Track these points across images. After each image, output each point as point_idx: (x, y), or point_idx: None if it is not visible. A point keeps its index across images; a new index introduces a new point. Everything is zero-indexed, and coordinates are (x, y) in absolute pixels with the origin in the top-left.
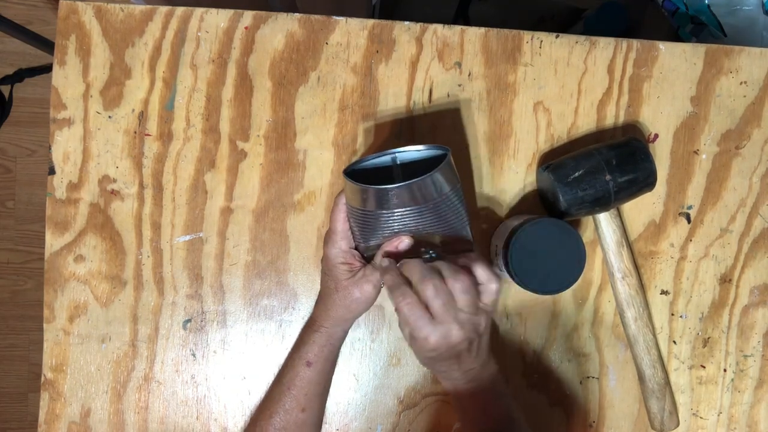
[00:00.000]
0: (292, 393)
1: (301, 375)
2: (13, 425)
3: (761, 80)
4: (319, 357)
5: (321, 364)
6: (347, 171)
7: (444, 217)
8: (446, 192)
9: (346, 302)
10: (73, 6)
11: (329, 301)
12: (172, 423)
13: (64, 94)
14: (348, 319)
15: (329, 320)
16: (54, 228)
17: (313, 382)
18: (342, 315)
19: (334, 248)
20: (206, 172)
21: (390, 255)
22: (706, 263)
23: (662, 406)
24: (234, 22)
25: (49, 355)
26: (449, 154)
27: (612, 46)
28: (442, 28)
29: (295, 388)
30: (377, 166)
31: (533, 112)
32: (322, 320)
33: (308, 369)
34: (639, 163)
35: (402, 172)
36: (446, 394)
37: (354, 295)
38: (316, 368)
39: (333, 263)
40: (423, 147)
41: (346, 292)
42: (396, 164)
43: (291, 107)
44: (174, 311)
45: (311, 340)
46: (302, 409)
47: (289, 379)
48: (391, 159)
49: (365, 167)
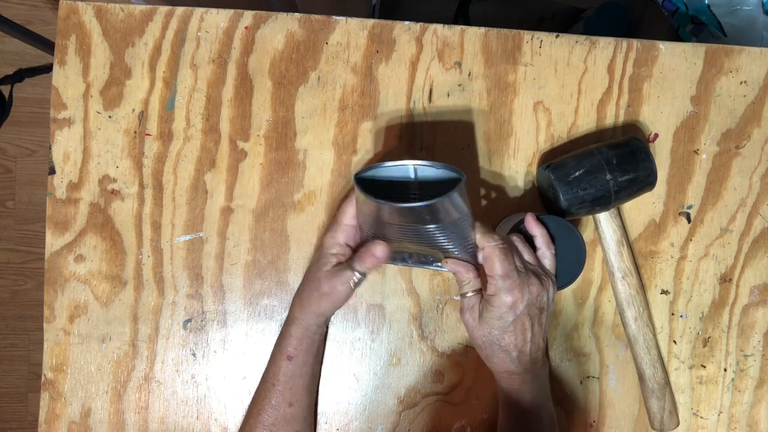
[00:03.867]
0: (277, 389)
1: (284, 370)
2: (13, 425)
3: (761, 80)
4: (298, 350)
5: (302, 357)
6: (359, 177)
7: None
8: (455, 218)
9: (316, 295)
10: (73, 6)
11: (303, 294)
12: (172, 423)
13: (65, 94)
14: (318, 314)
15: (302, 311)
16: (54, 228)
17: (297, 376)
18: (313, 309)
19: (332, 238)
20: (206, 171)
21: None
22: (706, 263)
23: (662, 405)
24: (234, 22)
25: (49, 354)
26: (463, 181)
27: (612, 46)
28: (442, 28)
29: (280, 383)
30: (390, 176)
31: (533, 112)
32: (296, 312)
33: (290, 363)
34: (639, 163)
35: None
36: (446, 393)
37: (322, 289)
38: (297, 361)
39: (325, 251)
40: (439, 165)
41: (317, 283)
42: (414, 179)
43: (291, 107)
44: (174, 311)
45: (289, 334)
46: (289, 404)
47: (273, 374)
48: (406, 173)
49: (378, 174)
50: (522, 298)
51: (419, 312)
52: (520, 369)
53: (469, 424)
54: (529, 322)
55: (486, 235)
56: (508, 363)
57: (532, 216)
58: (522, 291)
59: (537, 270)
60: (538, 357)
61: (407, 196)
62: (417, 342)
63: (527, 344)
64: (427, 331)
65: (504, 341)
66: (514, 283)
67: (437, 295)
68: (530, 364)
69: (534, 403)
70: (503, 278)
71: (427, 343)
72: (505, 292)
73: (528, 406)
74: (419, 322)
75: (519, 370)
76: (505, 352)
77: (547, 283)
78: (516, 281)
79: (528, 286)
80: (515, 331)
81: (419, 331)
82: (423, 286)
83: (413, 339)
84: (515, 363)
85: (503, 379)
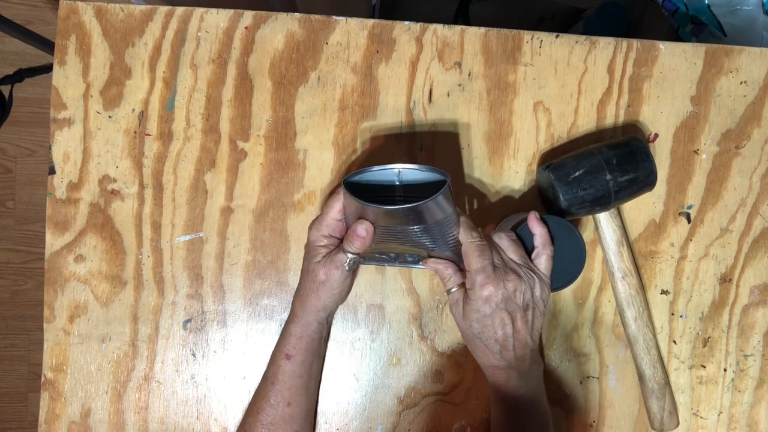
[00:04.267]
0: (276, 388)
1: (283, 368)
2: (13, 425)
3: (761, 80)
4: (297, 349)
5: (301, 356)
6: (347, 181)
7: (435, 237)
8: (439, 219)
9: (314, 286)
10: (73, 6)
11: (302, 290)
12: (172, 423)
13: (65, 94)
14: (319, 309)
15: (302, 309)
16: (54, 228)
17: (296, 375)
18: (313, 303)
19: (317, 232)
20: (206, 171)
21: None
22: (706, 263)
23: (662, 405)
24: (234, 22)
25: (49, 354)
26: (448, 183)
27: (612, 46)
28: (442, 28)
29: (278, 382)
30: (378, 180)
31: (533, 112)
32: (296, 310)
33: (288, 362)
34: (639, 163)
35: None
36: (446, 393)
37: (319, 278)
38: (296, 360)
39: (313, 245)
40: (425, 168)
41: (314, 275)
42: (399, 183)
43: (291, 107)
44: (174, 311)
45: (288, 333)
46: (288, 403)
47: (272, 373)
48: (394, 176)
49: (366, 178)
50: (496, 292)
51: (419, 312)
52: (504, 364)
53: (469, 424)
54: (509, 317)
55: (466, 231)
56: (491, 357)
57: (535, 215)
58: (496, 285)
59: (517, 268)
60: (524, 354)
61: (395, 199)
62: (417, 342)
63: (509, 339)
64: (427, 331)
65: (484, 335)
66: (488, 277)
67: (437, 295)
68: (515, 360)
69: (522, 399)
70: (477, 272)
71: (427, 343)
72: (479, 287)
73: (516, 402)
74: (419, 322)
75: (503, 365)
76: (486, 346)
77: (530, 280)
78: (490, 276)
79: (504, 282)
80: (494, 325)
81: (419, 331)
82: (423, 286)
83: (413, 339)
84: (497, 357)
85: (489, 374)
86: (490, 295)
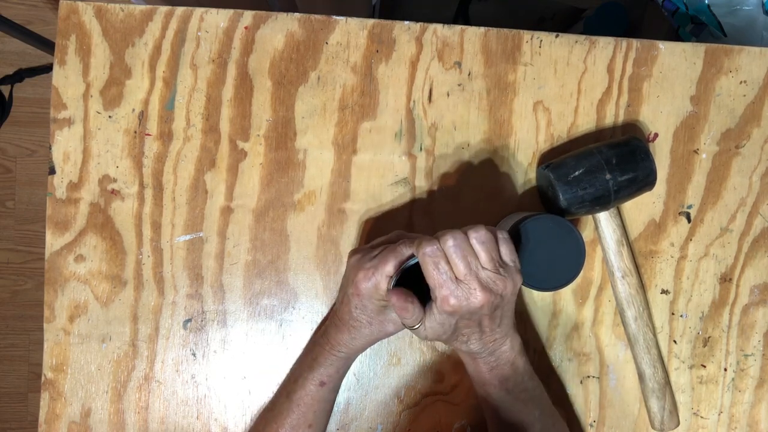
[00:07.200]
0: (301, 410)
1: (313, 394)
2: (13, 425)
3: (761, 80)
4: (334, 378)
5: (334, 383)
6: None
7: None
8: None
9: (377, 335)
10: (73, 6)
11: (357, 333)
12: (173, 423)
13: (65, 94)
14: (363, 349)
15: (354, 348)
16: (54, 228)
17: (324, 400)
18: (367, 344)
19: (369, 284)
20: (206, 171)
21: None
22: (706, 262)
23: (662, 405)
24: (234, 22)
25: (49, 354)
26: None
27: (612, 46)
28: (442, 27)
29: (305, 405)
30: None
31: (533, 112)
32: (344, 347)
33: (321, 389)
34: (639, 162)
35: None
36: (446, 393)
37: (387, 330)
38: (329, 387)
39: (367, 298)
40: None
41: (381, 326)
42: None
43: (291, 107)
44: (174, 311)
45: (329, 363)
46: (309, 425)
47: (300, 397)
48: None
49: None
50: (459, 308)
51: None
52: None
53: (469, 424)
54: (476, 323)
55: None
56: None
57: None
58: (459, 301)
59: (485, 277)
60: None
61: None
62: (417, 342)
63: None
64: None
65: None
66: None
67: None
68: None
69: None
70: (435, 289)
71: (427, 343)
72: (439, 302)
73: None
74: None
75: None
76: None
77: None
78: (450, 292)
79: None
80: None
81: None
82: None
83: (413, 339)
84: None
85: (468, 364)
86: (454, 311)
